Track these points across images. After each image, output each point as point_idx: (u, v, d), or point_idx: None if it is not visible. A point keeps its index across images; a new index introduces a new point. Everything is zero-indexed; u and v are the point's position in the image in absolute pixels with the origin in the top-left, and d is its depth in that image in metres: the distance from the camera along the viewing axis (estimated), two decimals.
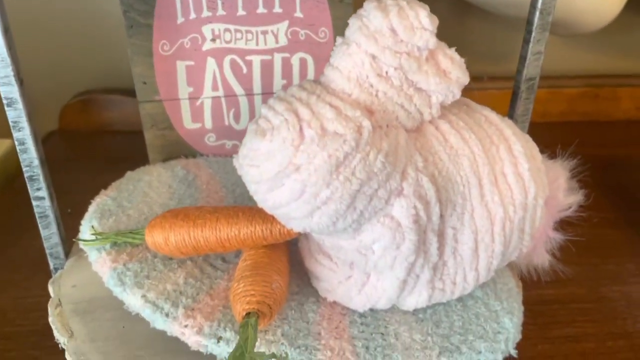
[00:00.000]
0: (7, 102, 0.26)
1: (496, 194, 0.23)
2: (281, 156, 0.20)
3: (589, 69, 0.56)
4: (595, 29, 0.44)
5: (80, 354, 0.25)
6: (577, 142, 0.48)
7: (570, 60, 0.55)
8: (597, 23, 0.43)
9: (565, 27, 0.44)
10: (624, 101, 0.55)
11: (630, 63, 0.56)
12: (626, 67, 0.56)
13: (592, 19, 0.42)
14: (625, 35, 0.54)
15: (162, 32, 0.32)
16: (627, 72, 0.56)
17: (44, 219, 0.29)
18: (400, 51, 0.21)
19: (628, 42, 0.55)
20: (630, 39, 0.55)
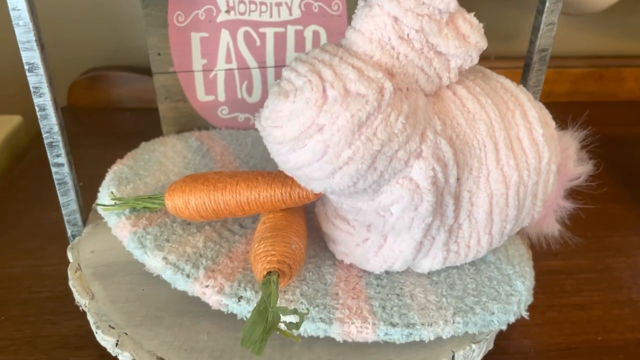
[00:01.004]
0: (28, 67, 0.26)
1: (511, 158, 0.24)
2: (304, 117, 0.21)
3: (594, 50, 0.56)
4: (603, 9, 0.44)
5: (101, 315, 0.26)
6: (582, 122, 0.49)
7: (576, 41, 0.56)
8: (601, 4, 0.43)
9: (572, 6, 0.44)
10: (629, 81, 0.55)
11: (635, 44, 0.56)
12: (631, 48, 0.56)
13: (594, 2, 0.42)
14: (630, 16, 0.54)
15: (177, 3, 0.32)
16: (632, 53, 0.56)
17: (62, 185, 0.29)
18: (422, 13, 0.21)
19: (633, 23, 0.55)
20: (635, 20, 0.55)
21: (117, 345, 0.24)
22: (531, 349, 0.29)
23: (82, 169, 0.43)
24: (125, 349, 0.24)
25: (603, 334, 0.30)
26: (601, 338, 0.30)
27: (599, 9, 0.44)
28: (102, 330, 0.25)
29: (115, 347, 0.24)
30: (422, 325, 0.24)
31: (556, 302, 0.33)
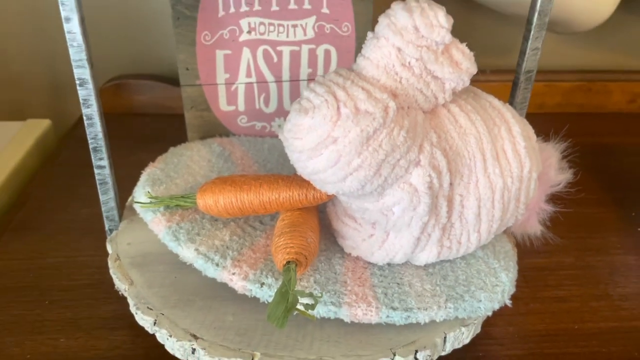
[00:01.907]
0: (79, 82, 0.30)
1: (497, 167, 0.27)
2: (321, 130, 0.25)
3: (582, 65, 0.60)
4: (590, 28, 0.48)
5: (140, 298, 0.29)
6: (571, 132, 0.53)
7: (566, 56, 0.59)
8: (591, 23, 0.47)
9: (562, 26, 0.48)
10: (615, 95, 0.59)
11: (621, 59, 0.60)
12: (617, 63, 0.60)
13: (587, 19, 0.46)
14: (616, 33, 0.58)
15: (204, 24, 0.36)
16: (618, 68, 0.60)
17: (103, 185, 0.33)
18: (421, 45, 0.25)
19: (619, 40, 0.59)
20: (621, 37, 0.59)
21: (155, 324, 0.28)
22: (515, 335, 0.33)
23: None
24: (162, 327, 0.28)
25: (580, 323, 0.34)
26: (578, 327, 0.34)
27: (586, 28, 0.48)
28: (141, 311, 0.29)
29: (154, 326, 0.28)
30: (418, 309, 0.27)
31: (539, 294, 0.36)
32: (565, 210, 0.34)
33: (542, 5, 0.31)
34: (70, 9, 0.28)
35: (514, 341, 0.33)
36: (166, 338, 0.28)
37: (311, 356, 0.26)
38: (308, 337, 0.27)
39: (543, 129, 0.37)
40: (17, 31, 0.56)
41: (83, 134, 0.57)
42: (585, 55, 0.60)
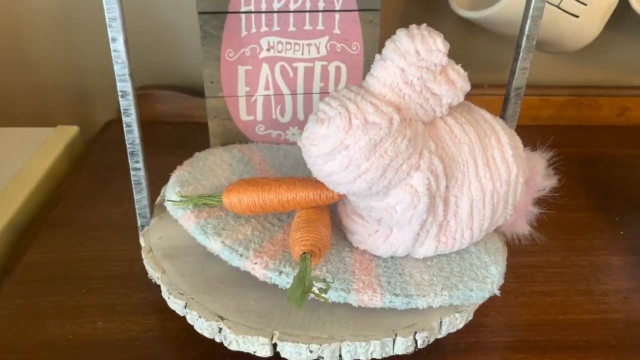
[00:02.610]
0: (121, 94, 0.34)
1: (487, 172, 0.31)
2: (335, 138, 0.29)
3: (574, 81, 0.64)
4: (577, 49, 0.52)
5: (172, 285, 0.33)
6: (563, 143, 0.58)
7: (558, 73, 0.63)
8: (578, 44, 0.51)
9: (552, 47, 0.52)
10: (604, 109, 0.63)
11: (609, 76, 0.64)
12: (606, 80, 0.64)
13: (574, 41, 0.50)
14: (605, 52, 0.62)
15: (228, 42, 0.40)
16: (607, 84, 0.64)
17: (138, 185, 0.37)
18: (421, 66, 0.29)
19: (608, 58, 0.63)
20: (609, 55, 0.63)
21: (185, 307, 0.32)
22: (505, 324, 0.37)
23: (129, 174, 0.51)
24: (192, 309, 0.32)
25: (564, 314, 0.38)
26: (561, 317, 0.37)
27: (574, 49, 0.52)
28: (173, 296, 0.33)
29: (184, 309, 0.32)
30: (417, 296, 0.31)
31: (527, 289, 0.40)
32: (555, 214, 0.38)
33: (530, 30, 0.35)
34: (117, 30, 0.32)
35: (503, 329, 0.36)
36: (196, 319, 0.31)
37: (323, 335, 0.30)
38: (320, 319, 0.31)
39: (536, 140, 0.41)
40: (48, 45, 0.60)
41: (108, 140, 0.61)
42: (576, 71, 0.64)
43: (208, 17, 0.39)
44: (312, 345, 0.30)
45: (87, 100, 0.64)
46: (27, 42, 0.60)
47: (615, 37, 0.61)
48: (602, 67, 0.64)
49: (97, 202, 0.48)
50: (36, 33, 0.59)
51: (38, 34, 0.59)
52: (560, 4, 0.47)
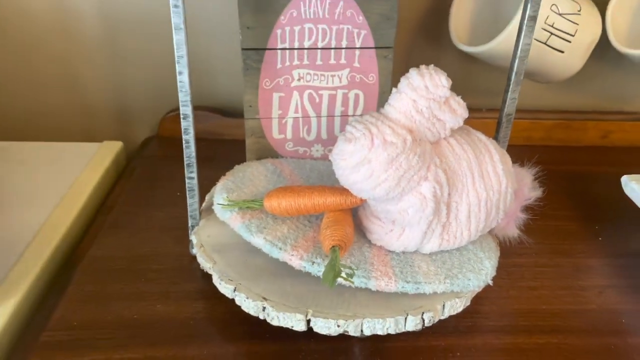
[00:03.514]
0: (183, 116, 0.42)
1: (482, 183, 0.39)
2: (360, 154, 0.36)
3: (562, 106, 0.70)
4: (563, 80, 0.59)
5: (222, 273, 0.40)
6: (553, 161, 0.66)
7: (548, 99, 0.70)
8: (564, 76, 0.58)
9: (541, 77, 0.59)
10: (590, 131, 0.70)
11: (595, 102, 0.71)
12: (591, 105, 0.71)
13: (560, 73, 0.58)
14: (591, 80, 0.69)
15: (266, 73, 0.48)
16: (592, 109, 0.70)
17: (191, 192, 0.44)
18: (429, 98, 0.36)
19: (592, 86, 0.70)
20: (594, 84, 0.70)
21: (234, 290, 0.39)
22: (497, 312, 0.43)
23: (171, 183, 0.58)
24: (241, 292, 0.39)
25: (547, 305, 0.44)
26: (545, 307, 0.44)
27: (560, 80, 0.60)
28: (224, 282, 0.40)
29: (234, 292, 0.39)
30: (425, 283, 0.38)
31: (517, 284, 0.47)
32: (543, 223, 0.45)
33: (518, 67, 0.42)
34: (183, 65, 0.40)
35: (496, 316, 0.43)
36: (244, 300, 0.38)
37: (348, 313, 0.37)
38: (345, 302, 0.38)
39: (529, 158, 0.48)
40: (95, 71, 0.67)
41: (148, 154, 0.69)
42: (564, 98, 0.71)
43: (250, 53, 0.47)
44: (340, 321, 0.37)
45: (128, 119, 0.71)
46: (78, 69, 0.67)
47: (599, 68, 0.68)
48: (588, 94, 0.71)
49: (144, 208, 0.55)
50: (86, 61, 0.67)
51: (87, 62, 0.67)
52: (547, 41, 0.54)
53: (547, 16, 0.53)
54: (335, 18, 0.46)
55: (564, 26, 0.54)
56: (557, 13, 0.53)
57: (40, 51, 0.66)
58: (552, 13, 0.53)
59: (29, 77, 0.68)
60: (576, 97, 0.71)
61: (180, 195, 0.56)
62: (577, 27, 0.55)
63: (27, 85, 0.68)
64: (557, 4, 0.53)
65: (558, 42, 0.55)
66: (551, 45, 0.55)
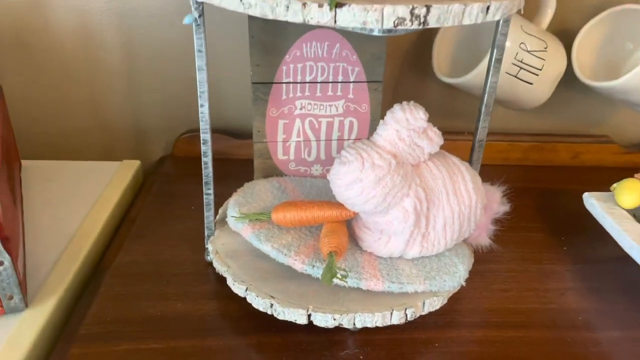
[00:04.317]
0: (203, 141, 0.49)
1: (455, 199, 0.46)
2: (352, 175, 0.43)
3: (537, 129, 0.77)
4: (533, 107, 0.67)
5: (236, 275, 0.47)
6: (528, 179, 0.74)
7: (524, 123, 0.77)
8: (533, 104, 0.66)
9: (513, 105, 0.67)
10: (561, 152, 0.77)
11: (566, 126, 0.78)
12: (562, 129, 0.78)
13: (530, 102, 0.66)
14: (562, 106, 0.76)
15: (272, 103, 0.55)
16: (563, 132, 0.77)
17: (208, 206, 0.51)
18: (410, 128, 0.44)
19: (563, 112, 0.77)
20: (565, 110, 0.77)
21: (246, 290, 0.46)
22: (472, 310, 0.50)
23: (184, 200, 0.65)
24: (252, 291, 0.45)
25: (515, 304, 0.51)
26: (513, 306, 0.51)
27: (531, 107, 0.67)
28: (237, 283, 0.47)
29: (245, 291, 0.46)
30: (407, 283, 0.45)
31: (490, 287, 0.54)
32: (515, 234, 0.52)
33: (487, 101, 0.50)
34: (204, 99, 0.47)
35: (470, 313, 0.50)
36: (254, 298, 0.45)
37: (343, 308, 0.44)
38: (340, 299, 0.45)
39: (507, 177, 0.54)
40: (115, 96, 0.74)
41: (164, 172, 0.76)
42: (539, 122, 0.77)
43: (259, 86, 0.54)
44: (335, 315, 0.43)
45: (144, 139, 0.78)
46: (100, 94, 0.74)
47: (570, 96, 0.76)
48: (560, 119, 0.77)
49: (163, 220, 0.62)
50: (107, 87, 0.74)
51: (109, 88, 0.74)
52: (517, 74, 0.62)
53: (516, 53, 0.61)
54: (333, 57, 0.54)
55: (532, 62, 0.62)
56: (526, 50, 0.61)
57: (67, 78, 0.73)
58: (521, 50, 0.61)
59: (56, 101, 0.74)
60: (549, 122, 0.77)
61: (194, 209, 0.63)
62: (544, 62, 0.62)
63: (55, 109, 0.74)
64: (525, 42, 0.61)
65: (527, 75, 0.62)
66: (521, 78, 0.62)
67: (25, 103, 0.74)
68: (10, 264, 0.45)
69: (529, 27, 0.62)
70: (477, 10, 0.35)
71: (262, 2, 0.35)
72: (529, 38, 0.61)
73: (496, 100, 0.67)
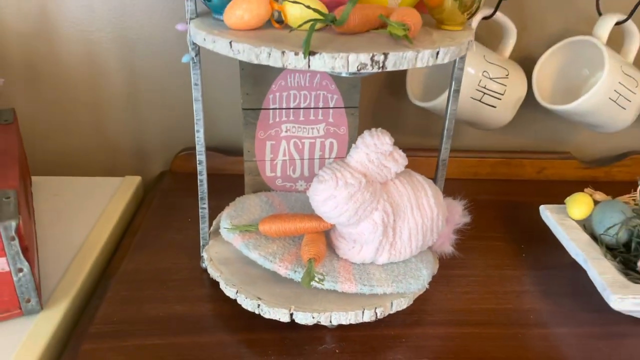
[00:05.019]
0: (199, 162, 0.55)
1: (418, 212, 0.53)
2: (327, 192, 0.50)
3: (504, 146, 0.82)
4: (498, 128, 0.74)
5: (228, 280, 0.54)
6: (496, 192, 0.81)
7: (493, 140, 0.83)
8: (498, 125, 0.73)
9: (480, 126, 0.74)
10: (527, 168, 0.84)
11: (531, 143, 0.85)
12: (528, 146, 0.84)
13: (494, 124, 0.73)
14: (527, 126, 0.83)
15: (261, 127, 0.62)
16: (529, 149, 0.84)
17: (203, 219, 0.58)
18: (378, 152, 0.50)
19: (529, 130, 0.83)
20: (530, 129, 0.83)
21: (237, 293, 0.52)
22: (437, 310, 0.56)
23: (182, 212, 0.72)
24: (242, 294, 0.52)
25: (476, 305, 0.58)
26: (474, 307, 0.57)
27: (496, 128, 0.74)
28: (229, 286, 0.53)
29: (236, 294, 0.52)
30: (377, 286, 0.52)
31: (454, 290, 0.60)
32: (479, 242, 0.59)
33: (448, 126, 0.57)
34: (200, 125, 0.54)
35: (436, 313, 0.56)
36: (243, 300, 0.52)
37: (321, 308, 0.50)
38: (319, 300, 0.52)
39: (477, 191, 0.61)
40: (115, 113, 0.80)
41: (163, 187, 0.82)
42: (506, 140, 0.82)
43: (249, 112, 0.61)
44: (314, 314, 0.50)
45: (144, 156, 0.84)
46: (103, 114, 0.80)
47: (534, 116, 0.82)
48: (526, 137, 0.83)
49: (163, 231, 0.68)
50: (110, 108, 0.80)
51: (111, 108, 0.80)
52: (481, 99, 0.69)
53: (480, 80, 0.68)
54: (314, 86, 0.61)
55: (495, 87, 0.69)
56: (488, 77, 0.68)
57: (73, 101, 0.78)
58: (484, 77, 0.68)
59: (62, 121, 0.79)
60: (516, 140, 0.83)
61: (191, 221, 0.69)
62: (505, 87, 0.69)
63: (61, 128, 0.79)
64: (488, 70, 0.68)
65: (490, 99, 0.69)
66: (485, 102, 0.69)
67: (35, 124, 0.80)
68: (29, 271, 0.51)
69: (492, 57, 0.70)
70: (427, 56, 0.42)
71: (248, 50, 0.42)
72: (491, 66, 0.68)
73: (464, 122, 0.74)
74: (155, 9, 0.75)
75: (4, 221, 0.49)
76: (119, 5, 0.74)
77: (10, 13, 0.74)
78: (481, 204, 0.75)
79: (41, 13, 0.74)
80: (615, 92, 0.68)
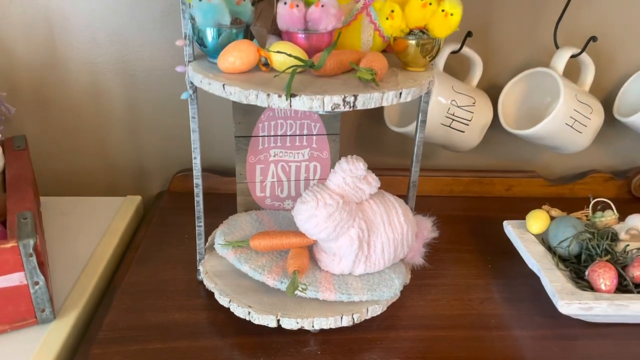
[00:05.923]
0: (196, 185, 0.62)
1: (390, 229, 0.60)
2: (309, 212, 0.57)
3: (476, 166, 0.89)
4: (468, 150, 0.82)
5: (222, 290, 0.60)
6: (469, 208, 0.88)
7: (466, 160, 0.90)
8: (466, 148, 0.80)
9: (450, 149, 0.82)
10: (497, 186, 0.91)
11: (500, 163, 0.91)
12: (498, 165, 0.91)
13: (463, 147, 0.80)
14: (497, 147, 0.89)
15: (251, 152, 0.69)
16: (499, 168, 0.90)
17: (199, 235, 0.64)
18: (353, 176, 0.58)
19: (498, 151, 0.90)
20: (500, 150, 0.89)
21: (230, 302, 0.59)
22: (409, 316, 0.63)
23: (180, 228, 0.78)
24: (234, 303, 0.59)
25: (444, 311, 0.64)
26: (443, 312, 0.64)
27: (465, 150, 0.82)
28: (222, 296, 0.60)
29: (229, 303, 0.59)
30: (354, 294, 0.58)
31: (425, 298, 0.67)
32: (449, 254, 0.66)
33: (417, 151, 0.64)
34: (197, 152, 0.61)
35: (408, 318, 0.63)
36: (235, 307, 0.58)
37: (304, 314, 0.57)
38: (303, 307, 0.58)
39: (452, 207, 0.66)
40: (117, 136, 0.87)
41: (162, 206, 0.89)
42: (479, 159, 0.88)
43: (241, 139, 0.68)
44: (299, 320, 0.57)
45: (144, 176, 0.91)
46: (106, 137, 0.87)
47: (503, 139, 0.89)
48: (496, 158, 0.89)
49: (162, 247, 0.75)
50: (112, 131, 0.86)
51: (114, 132, 0.85)
52: (450, 125, 0.77)
53: (449, 108, 0.76)
54: (299, 116, 0.68)
55: (462, 114, 0.76)
56: (457, 106, 0.76)
57: (77, 124, 0.83)
58: (453, 106, 0.76)
59: (68, 144, 0.85)
60: (487, 160, 0.90)
61: (187, 237, 0.76)
62: (472, 114, 0.77)
63: (66, 150, 0.85)
64: (456, 99, 0.76)
65: (459, 125, 0.77)
66: (454, 127, 0.77)
67: (42, 147, 0.86)
68: (44, 284, 0.58)
69: (459, 87, 0.77)
70: (392, 96, 0.49)
71: (239, 92, 0.49)
72: (458, 96, 0.76)
73: (437, 144, 0.82)
74: (154, 44, 0.82)
75: (23, 239, 0.55)
76: (121, 40, 0.81)
77: (21, 46, 0.81)
78: (454, 219, 0.82)
79: (50, 46, 0.81)
80: (571, 118, 0.76)
